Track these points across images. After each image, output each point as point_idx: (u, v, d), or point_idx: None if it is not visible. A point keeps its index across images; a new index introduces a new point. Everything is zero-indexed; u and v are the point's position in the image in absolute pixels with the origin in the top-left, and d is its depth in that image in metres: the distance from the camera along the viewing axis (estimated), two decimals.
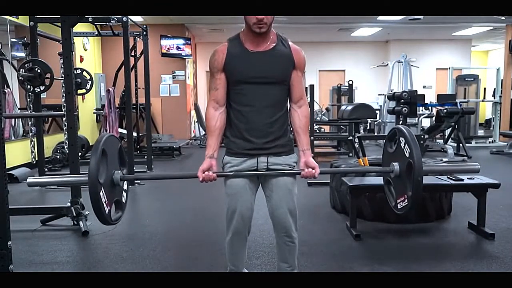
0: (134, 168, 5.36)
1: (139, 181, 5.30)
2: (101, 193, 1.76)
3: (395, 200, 1.97)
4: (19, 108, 5.83)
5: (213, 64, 2.02)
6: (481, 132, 10.53)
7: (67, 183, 2.69)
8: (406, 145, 1.85)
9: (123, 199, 2.02)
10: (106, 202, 1.81)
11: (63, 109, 3.75)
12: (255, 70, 1.96)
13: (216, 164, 1.97)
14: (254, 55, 1.97)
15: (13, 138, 5.81)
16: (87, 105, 8.35)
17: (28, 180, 2.01)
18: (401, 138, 1.90)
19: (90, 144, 7.68)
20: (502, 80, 9.49)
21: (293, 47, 2.04)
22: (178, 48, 9.56)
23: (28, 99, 4.89)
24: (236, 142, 2.00)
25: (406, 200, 1.87)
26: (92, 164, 1.73)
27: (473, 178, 3.28)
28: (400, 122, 6.51)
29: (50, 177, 2.71)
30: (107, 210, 1.81)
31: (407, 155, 1.85)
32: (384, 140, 2.12)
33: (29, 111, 4.92)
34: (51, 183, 2.51)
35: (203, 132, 9.88)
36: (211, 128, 1.99)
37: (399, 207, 1.93)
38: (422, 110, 8.71)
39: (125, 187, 2.02)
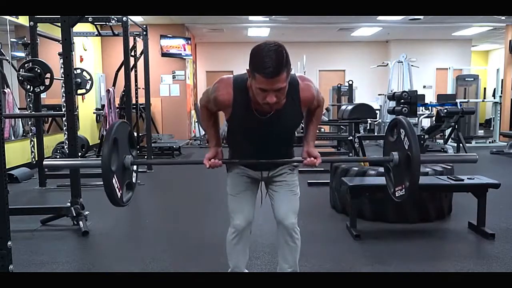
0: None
1: (139, 181, 5.29)
2: (113, 180, 1.85)
3: (393, 188, 2.01)
4: (19, 108, 5.83)
5: (213, 100, 1.85)
6: (481, 132, 10.52)
7: (81, 165, 2.93)
8: (405, 137, 1.88)
9: (133, 180, 2.11)
10: (118, 187, 1.89)
11: (63, 109, 3.75)
12: (262, 132, 1.86)
13: (221, 152, 1.99)
14: (262, 120, 1.81)
15: (13, 138, 5.81)
16: (87, 105, 8.35)
17: (44, 163, 2.13)
18: (401, 130, 1.93)
19: (90, 144, 7.69)
20: (502, 80, 9.49)
21: (302, 93, 1.82)
22: (178, 48, 9.56)
23: (28, 99, 4.90)
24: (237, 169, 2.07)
25: (403, 190, 1.92)
26: (104, 153, 1.82)
27: (473, 178, 3.28)
28: None
29: (65, 160, 2.86)
30: (119, 194, 1.89)
31: (406, 147, 1.88)
32: (386, 129, 2.14)
33: (29, 111, 4.92)
34: (66, 165, 2.64)
35: (203, 132, 9.87)
36: (209, 125, 2.01)
37: (396, 195, 1.99)
38: (422, 110, 8.71)
39: (135, 168, 2.10)
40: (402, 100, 6.22)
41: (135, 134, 7.18)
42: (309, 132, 2.01)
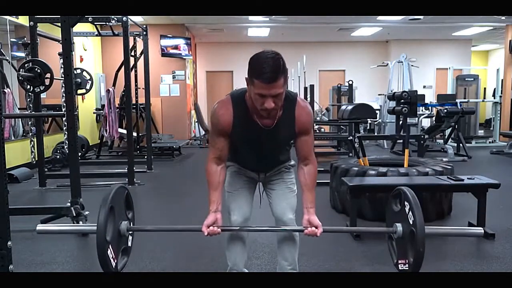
0: (134, 168, 5.35)
1: (139, 181, 5.30)
2: (108, 252, 1.87)
3: (396, 259, 2.00)
4: (19, 108, 5.83)
5: (216, 126, 1.91)
6: (481, 132, 10.52)
7: (77, 231, 2.98)
8: (410, 211, 1.86)
9: (129, 244, 2.13)
10: (113, 256, 1.91)
11: (63, 109, 3.75)
12: (261, 144, 1.94)
13: (221, 218, 1.97)
14: (262, 131, 1.89)
15: (13, 138, 5.81)
16: (87, 105, 8.35)
17: (37, 228, 2.11)
18: (405, 202, 1.91)
19: (90, 144, 7.69)
20: (502, 80, 9.49)
21: (298, 111, 1.89)
22: (178, 48, 9.56)
23: (28, 99, 4.89)
24: (237, 165, 2.13)
25: (407, 265, 1.91)
26: (100, 224, 1.83)
27: (473, 178, 3.28)
28: (400, 122, 6.51)
29: (60, 225, 2.95)
30: (114, 264, 1.92)
31: (410, 222, 1.86)
32: (389, 197, 2.12)
33: (29, 111, 4.92)
34: (61, 231, 2.67)
35: (203, 132, 9.88)
36: (214, 184, 1.99)
37: (399, 268, 1.97)
38: (422, 110, 8.70)
39: (131, 231, 2.13)
40: (402, 100, 6.20)
41: (135, 134, 7.19)
42: (307, 199, 1.99)
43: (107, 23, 5.31)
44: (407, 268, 1.90)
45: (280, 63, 1.69)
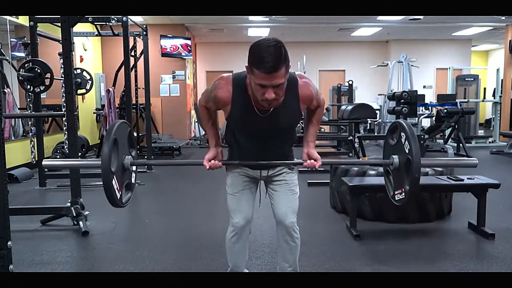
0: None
1: (139, 181, 5.30)
2: (113, 182, 1.85)
3: (393, 191, 2.00)
4: (19, 108, 5.83)
5: (213, 98, 1.86)
6: (481, 132, 10.52)
7: (81, 166, 2.90)
8: (406, 141, 1.87)
9: (132, 180, 2.10)
10: (118, 188, 1.89)
11: (63, 109, 3.75)
12: (261, 129, 1.87)
13: (221, 152, 1.99)
14: (262, 118, 1.82)
15: (13, 138, 5.81)
16: (87, 105, 8.34)
17: (44, 162, 2.09)
18: (401, 133, 1.92)
19: (90, 144, 7.69)
20: (502, 80, 9.49)
21: (301, 90, 1.84)
22: (178, 48, 9.56)
23: (28, 99, 4.90)
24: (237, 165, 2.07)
25: (403, 193, 1.91)
26: (104, 154, 1.81)
27: (473, 178, 3.28)
28: None
29: (65, 160, 2.85)
30: (118, 195, 1.89)
31: (406, 150, 1.87)
32: (386, 131, 2.13)
33: (29, 111, 4.92)
34: (66, 166, 2.64)
35: (203, 132, 9.87)
36: (208, 123, 2.00)
37: (396, 198, 1.97)
38: (422, 110, 8.71)
39: (134, 168, 2.10)
40: (402, 100, 6.22)
41: (135, 134, 7.19)
42: (309, 132, 2.00)
43: (107, 23, 5.32)
44: (403, 197, 1.90)
45: (281, 52, 1.60)
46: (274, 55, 1.59)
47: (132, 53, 7.28)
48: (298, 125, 2.16)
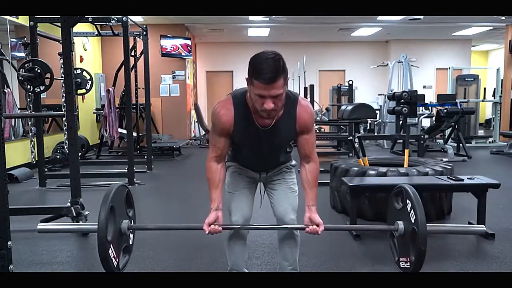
0: (134, 168, 5.35)
1: (139, 181, 5.30)
2: (109, 251, 1.88)
3: (398, 257, 1.99)
4: (19, 108, 5.83)
5: (217, 126, 1.90)
6: (481, 132, 10.52)
7: (77, 231, 2.97)
8: (411, 210, 1.86)
9: (130, 242, 2.13)
10: (115, 256, 1.91)
11: (63, 109, 3.75)
12: (261, 144, 1.93)
13: (222, 216, 1.97)
14: (262, 131, 1.88)
15: (13, 138, 5.81)
16: (87, 105, 8.34)
17: (38, 227, 2.15)
18: (407, 200, 1.91)
19: (90, 144, 7.69)
20: (502, 80, 9.49)
21: (299, 112, 1.88)
22: (178, 48, 9.56)
23: (28, 99, 4.89)
24: (237, 165, 2.12)
25: (409, 263, 1.90)
26: (101, 222, 1.83)
27: (473, 178, 3.28)
28: (400, 122, 6.52)
29: (61, 224, 2.93)
30: (115, 263, 1.92)
31: (412, 220, 1.85)
32: (391, 195, 2.12)
33: (29, 111, 4.92)
34: (62, 230, 2.69)
35: (203, 132, 9.88)
36: (214, 182, 1.98)
37: (401, 266, 1.96)
38: (422, 110, 8.71)
39: (131, 230, 2.13)
40: (402, 100, 6.21)
41: (135, 134, 7.19)
42: (308, 197, 1.99)
43: (107, 23, 5.31)
44: (409, 267, 1.90)
45: (280, 64, 1.68)
46: (272, 67, 1.66)
47: (132, 53, 7.28)
48: None
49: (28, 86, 4.00)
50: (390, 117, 8.71)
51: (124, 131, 6.44)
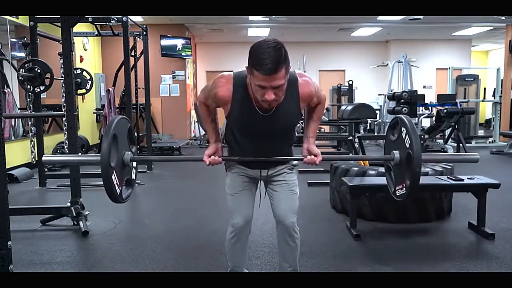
0: None
1: (139, 181, 5.30)
2: (113, 177, 1.83)
3: (394, 187, 2.00)
4: (19, 108, 5.83)
5: (211, 95, 1.85)
6: (481, 132, 10.52)
7: (80, 162, 2.84)
8: (406, 135, 1.87)
9: (133, 176, 2.09)
10: (118, 183, 1.88)
11: (63, 109, 3.75)
12: (261, 129, 1.86)
13: (221, 149, 1.99)
14: (262, 116, 1.82)
15: (13, 138, 5.81)
16: (87, 105, 8.34)
17: (43, 158, 2.09)
18: (402, 128, 1.91)
19: (90, 144, 7.69)
20: (502, 80, 9.49)
21: (302, 88, 1.82)
22: (178, 48, 9.56)
23: (28, 99, 4.89)
24: (237, 164, 2.07)
25: (404, 188, 1.90)
26: (104, 149, 1.79)
27: (473, 178, 3.28)
28: None
29: (64, 156, 2.84)
30: (118, 191, 1.88)
31: (407, 145, 1.86)
32: (387, 128, 2.13)
33: (29, 111, 4.92)
34: (65, 161, 2.63)
35: (203, 132, 9.87)
36: (208, 121, 2.00)
37: (397, 194, 1.97)
38: (422, 110, 8.71)
39: (134, 165, 2.09)
40: (402, 100, 6.22)
41: (135, 134, 7.19)
42: (309, 128, 2.00)
43: (107, 23, 5.31)
44: (404, 192, 1.89)
45: (281, 53, 1.60)
46: (273, 57, 1.59)
47: (132, 53, 7.28)
48: (298, 125, 2.15)
49: (28, 86, 4.01)
50: (390, 117, 8.69)
51: None
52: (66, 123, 3.49)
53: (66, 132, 3.77)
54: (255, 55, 1.62)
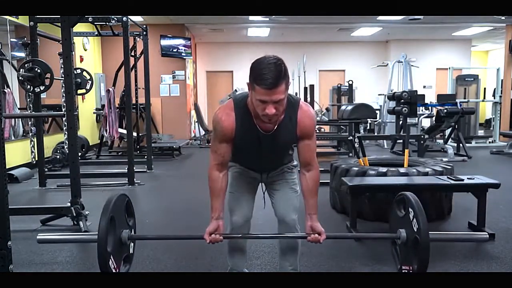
0: (134, 168, 5.35)
1: (139, 181, 5.30)
2: (109, 262, 1.87)
3: (400, 265, 1.99)
4: (19, 108, 5.83)
5: (219, 132, 1.88)
6: (481, 132, 10.52)
7: (77, 241, 2.94)
8: (414, 218, 1.86)
9: (131, 251, 2.13)
10: (115, 267, 1.91)
11: (63, 109, 3.75)
12: (262, 148, 1.92)
13: (222, 225, 1.96)
14: (263, 136, 1.88)
15: (13, 138, 5.81)
16: (87, 105, 8.35)
17: (38, 237, 2.13)
18: (410, 209, 1.91)
19: (90, 144, 7.69)
20: (502, 80, 9.49)
21: (300, 115, 1.87)
22: (178, 48, 9.56)
23: (28, 99, 4.90)
24: (239, 166, 2.12)
25: (411, 271, 1.90)
26: (100, 235, 1.82)
27: (473, 178, 3.28)
28: (400, 122, 6.52)
29: (61, 235, 2.87)
30: (115, 271, 1.93)
31: (414, 229, 1.85)
32: (393, 202, 2.11)
33: (29, 111, 4.92)
34: (62, 241, 2.68)
35: (203, 132, 9.88)
36: (216, 191, 1.96)
37: (403, 271, 1.96)
38: (422, 110, 8.71)
39: (132, 240, 2.14)
40: (402, 100, 6.22)
41: (135, 134, 7.19)
42: (309, 205, 1.99)
43: (107, 23, 5.31)
44: (411, 273, 1.90)
45: (281, 69, 1.67)
46: (274, 72, 1.66)
47: (132, 53, 7.28)
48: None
49: (28, 86, 4.00)
50: (390, 117, 8.70)
51: (124, 131, 6.44)
52: (66, 123, 3.49)
53: (66, 132, 3.78)
54: (256, 71, 1.68)
